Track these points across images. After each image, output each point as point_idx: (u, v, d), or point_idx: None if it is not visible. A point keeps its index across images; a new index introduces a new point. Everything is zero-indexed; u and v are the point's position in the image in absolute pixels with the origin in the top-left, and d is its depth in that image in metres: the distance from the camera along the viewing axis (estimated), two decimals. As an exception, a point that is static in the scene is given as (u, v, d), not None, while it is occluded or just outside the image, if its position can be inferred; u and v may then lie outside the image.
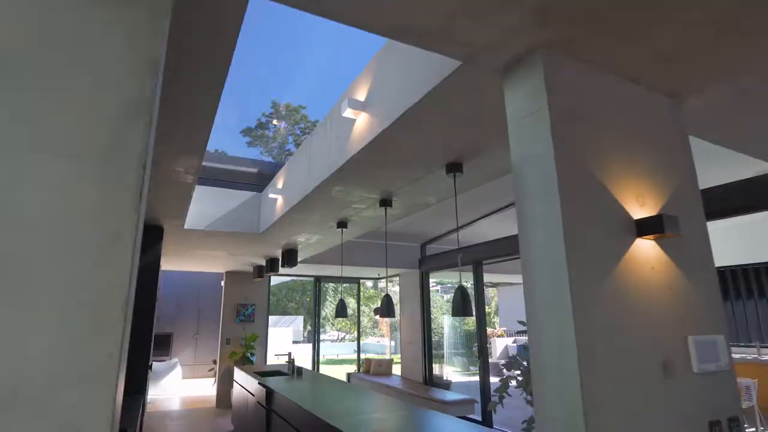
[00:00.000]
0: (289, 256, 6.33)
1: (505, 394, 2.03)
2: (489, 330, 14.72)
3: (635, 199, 1.75)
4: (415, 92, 2.18)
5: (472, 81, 2.01)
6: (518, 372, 1.98)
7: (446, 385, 8.71)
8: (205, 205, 5.16)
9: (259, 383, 5.44)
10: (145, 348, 4.51)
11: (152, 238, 4.88)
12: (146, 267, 4.75)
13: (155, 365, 10.51)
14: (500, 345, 13.82)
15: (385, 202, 3.86)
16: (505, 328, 15.02)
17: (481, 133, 2.51)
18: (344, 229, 4.85)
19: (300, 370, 6.19)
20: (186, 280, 13.62)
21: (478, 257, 7.64)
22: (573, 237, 1.53)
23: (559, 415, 1.44)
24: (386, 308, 3.61)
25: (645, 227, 1.70)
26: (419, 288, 9.04)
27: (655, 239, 1.74)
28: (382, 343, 24.88)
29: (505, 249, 7.07)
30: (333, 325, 26.64)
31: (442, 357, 12.34)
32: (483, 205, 7.25)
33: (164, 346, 12.89)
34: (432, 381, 8.72)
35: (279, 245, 6.17)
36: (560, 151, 1.60)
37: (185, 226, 5.00)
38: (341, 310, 4.59)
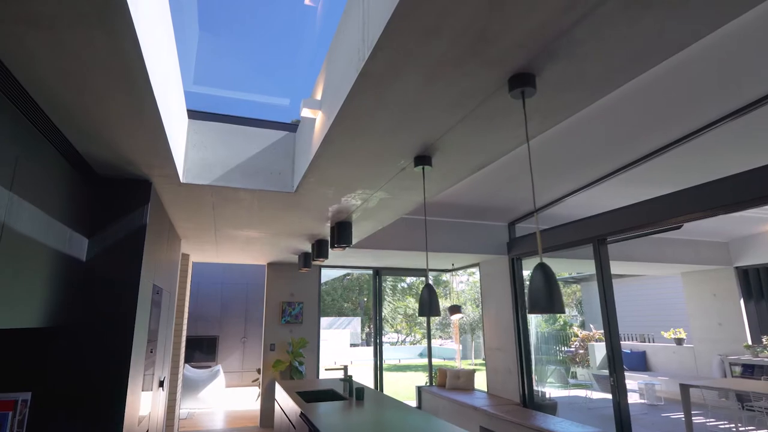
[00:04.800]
0: (341, 232, 4.52)
1: None
2: (582, 332, 12.22)
3: None
4: None
5: None
6: None
7: (552, 407, 6.59)
8: (213, 150, 3.45)
9: (300, 415, 3.65)
10: (119, 360, 2.82)
11: (130, 196, 3.19)
12: (121, 241, 3.07)
13: (194, 373, 9.14)
14: (599, 351, 11.34)
15: (523, 80, 1.90)
16: (602, 331, 12.43)
17: None
18: (427, 169, 2.91)
19: (360, 392, 4.36)
20: (231, 278, 12.30)
21: (599, 233, 5.48)
22: None
23: None
24: (548, 296, 1.59)
25: None
26: (509, 278, 6.95)
27: None
28: (446, 346, 22.64)
29: (634, 220, 4.90)
30: (392, 326, 24.84)
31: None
32: (589, 169, 5.11)
33: (210, 350, 11.63)
34: (533, 401, 6.60)
35: (326, 216, 4.38)
36: None
37: (182, 179, 3.31)
38: (430, 304, 2.62)
